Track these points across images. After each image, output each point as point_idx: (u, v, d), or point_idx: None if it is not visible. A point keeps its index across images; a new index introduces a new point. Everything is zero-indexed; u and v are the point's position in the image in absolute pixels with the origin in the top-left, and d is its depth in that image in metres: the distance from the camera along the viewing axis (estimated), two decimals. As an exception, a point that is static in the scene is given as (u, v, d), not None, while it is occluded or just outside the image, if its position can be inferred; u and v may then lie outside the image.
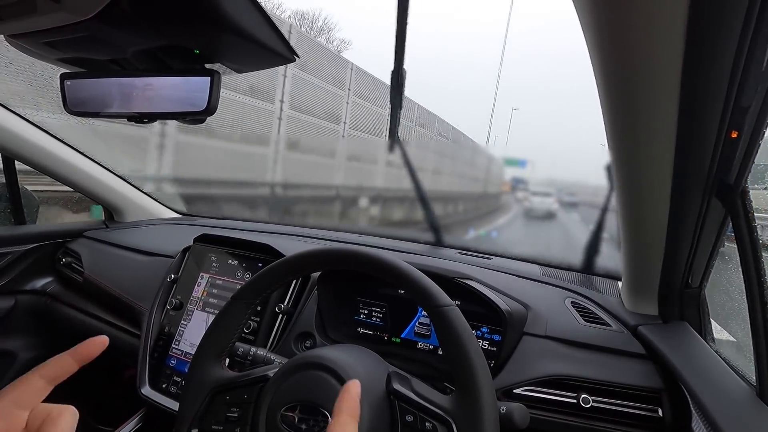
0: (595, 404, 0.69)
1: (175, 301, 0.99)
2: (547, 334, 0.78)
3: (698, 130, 0.48)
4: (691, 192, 0.57)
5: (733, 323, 0.77)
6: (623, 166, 0.57)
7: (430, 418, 0.50)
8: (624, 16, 0.37)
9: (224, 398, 0.57)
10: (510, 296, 0.83)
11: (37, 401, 0.33)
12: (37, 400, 0.33)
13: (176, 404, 0.76)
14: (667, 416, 0.67)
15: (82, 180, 1.27)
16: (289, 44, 0.41)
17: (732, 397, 0.58)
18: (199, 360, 0.60)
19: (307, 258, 0.62)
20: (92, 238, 1.28)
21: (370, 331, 0.90)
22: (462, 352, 0.51)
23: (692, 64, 0.39)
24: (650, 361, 0.72)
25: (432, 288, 0.55)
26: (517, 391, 0.72)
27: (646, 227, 0.65)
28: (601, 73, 0.44)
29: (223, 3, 0.34)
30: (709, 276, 0.73)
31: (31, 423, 0.32)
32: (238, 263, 1.00)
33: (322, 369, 0.53)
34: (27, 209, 1.24)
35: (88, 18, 0.33)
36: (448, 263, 0.97)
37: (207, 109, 0.42)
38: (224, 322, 0.61)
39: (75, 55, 0.43)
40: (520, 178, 9.20)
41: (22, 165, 1.16)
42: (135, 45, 0.40)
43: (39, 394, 0.33)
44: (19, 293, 1.21)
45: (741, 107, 0.47)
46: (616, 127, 0.51)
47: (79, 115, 0.47)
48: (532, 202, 8.95)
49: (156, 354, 0.96)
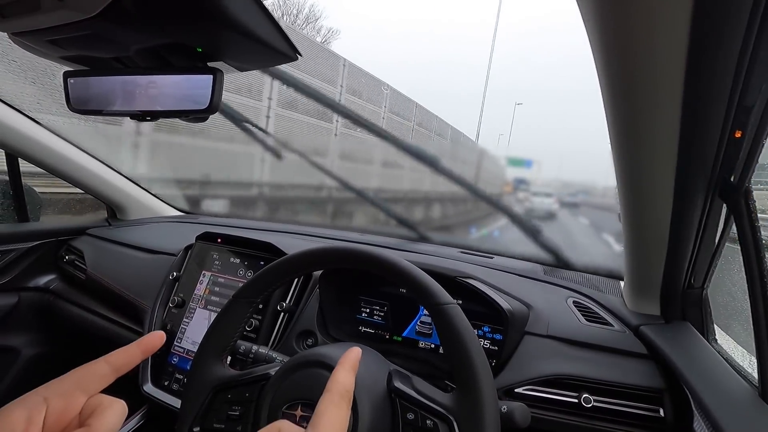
0: (596, 404, 0.69)
1: (177, 298, 1.00)
2: (548, 334, 0.78)
3: (701, 130, 0.48)
4: (695, 192, 0.57)
5: (735, 324, 0.77)
6: (626, 165, 0.56)
7: (431, 416, 0.50)
8: (627, 15, 0.37)
9: (226, 396, 0.57)
10: (512, 295, 0.83)
11: (99, 388, 0.34)
12: (99, 387, 0.34)
13: (178, 401, 0.76)
14: (669, 416, 0.67)
15: (84, 178, 1.27)
16: (292, 42, 0.41)
17: (734, 397, 0.58)
18: (200, 358, 0.60)
19: (309, 256, 0.62)
20: (95, 236, 1.29)
21: (371, 330, 0.90)
22: (463, 350, 0.51)
23: (696, 63, 0.39)
24: (652, 361, 0.72)
25: (433, 286, 0.55)
26: (519, 390, 0.72)
27: (648, 227, 0.65)
28: (603, 72, 0.44)
29: (227, 1, 0.34)
30: (711, 276, 0.72)
31: (86, 409, 0.32)
32: (240, 261, 1.00)
33: (324, 367, 0.53)
34: (30, 207, 1.25)
35: (92, 16, 0.33)
36: (449, 262, 0.97)
37: (209, 108, 0.42)
38: (226, 321, 0.62)
39: (78, 53, 0.43)
40: (522, 179, 9.12)
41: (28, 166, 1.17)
42: (138, 43, 0.40)
43: (102, 380, 0.34)
44: (23, 290, 1.22)
45: (745, 107, 0.47)
46: (618, 126, 0.51)
47: (82, 113, 0.47)
48: (532, 202, 8.95)
49: (158, 351, 0.96)
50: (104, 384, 0.34)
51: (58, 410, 0.31)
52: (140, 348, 0.36)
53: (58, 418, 0.31)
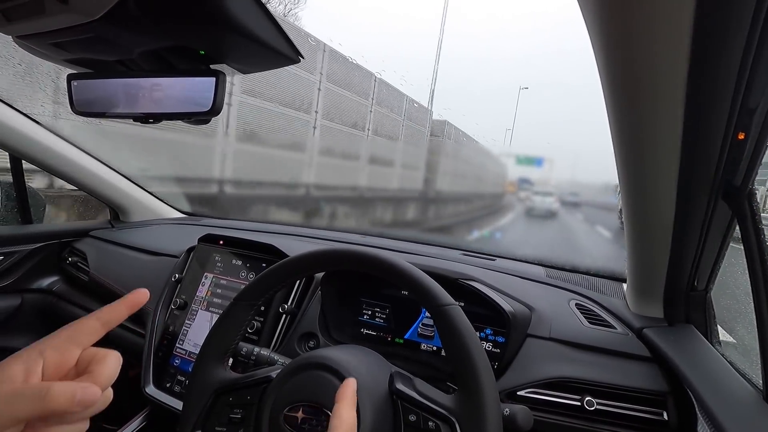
0: (599, 407, 0.69)
1: (179, 300, 1.00)
2: (551, 336, 0.77)
3: (704, 132, 0.48)
4: (698, 194, 0.57)
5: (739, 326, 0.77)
6: (629, 167, 0.56)
7: (433, 418, 0.50)
8: (630, 19, 0.37)
9: (227, 399, 0.57)
10: (514, 298, 0.83)
11: (90, 341, 0.36)
12: (90, 341, 0.36)
13: (180, 403, 0.77)
14: (672, 420, 0.66)
15: (88, 180, 1.28)
16: (294, 45, 0.41)
17: (738, 400, 0.58)
18: (201, 362, 0.60)
19: (310, 259, 0.62)
20: (98, 238, 1.30)
21: (373, 332, 0.90)
22: (464, 351, 0.51)
23: (699, 65, 0.39)
24: (655, 364, 0.71)
25: (434, 287, 0.55)
26: (521, 393, 0.72)
27: (651, 229, 0.64)
28: (605, 73, 0.44)
29: (229, 4, 0.34)
30: (715, 278, 0.72)
31: (81, 362, 0.34)
32: (242, 263, 1.00)
33: (325, 369, 0.53)
34: (33, 209, 1.25)
35: (96, 19, 0.34)
36: (451, 264, 0.97)
37: (212, 110, 0.42)
38: (227, 324, 0.62)
39: (82, 56, 0.43)
40: (526, 179, 9.04)
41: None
42: (141, 46, 0.40)
43: (93, 334, 0.36)
44: (26, 292, 1.22)
45: (748, 108, 0.46)
46: (621, 128, 0.51)
47: (85, 115, 0.47)
48: (533, 201, 8.97)
49: (160, 353, 0.97)
50: (95, 338, 0.36)
51: (54, 362, 0.33)
52: (126, 304, 0.38)
53: (55, 369, 0.33)
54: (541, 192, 8.87)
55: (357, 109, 6.79)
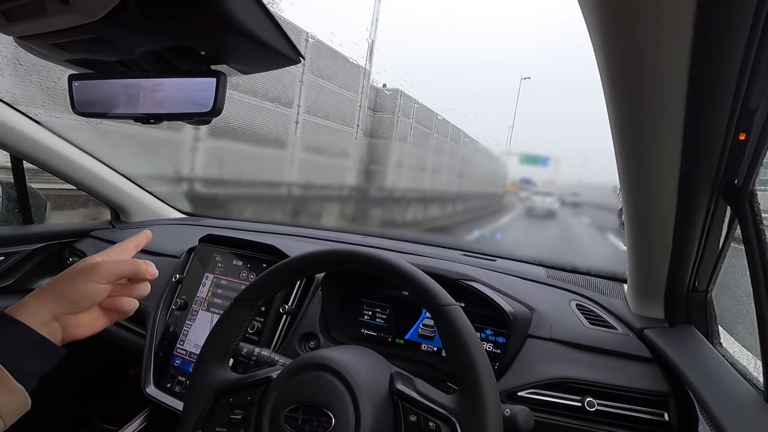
0: (600, 408, 0.69)
1: (180, 301, 1.00)
2: (551, 337, 0.77)
3: (705, 132, 0.48)
4: (699, 194, 0.57)
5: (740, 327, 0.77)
6: (630, 168, 0.56)
7: (433, 418, 0.50)
8: (631, 20, 0.37)
9: (227, 400, 0.57)
10: (514, 298, 0.83)
11: (131, 254, 0.58)
12: (131, 254, 0.58)
13: (180, 404, 0.77)
14: (673, 420, 0.66)
15: (88, 180, 1.28)
16: (295, 45, 0.41)
17: (739, 401, 0.57)
18: (202, 362, 0.60)
19: (311, 259, 0.62)
20: (99, 238, 1.30)
21: (373, 333, 0.90)
22: (465, 351, 0.51)
23: (700, 65, 0.39)
24: (656, 364, 0.71)
25: (434, 288, 0.55)
26: (522, 393, 0.72)
27: (652, 229, 0.64)
28: (606, 73, 0.44)
29: (230, 5, 0.34)
30: (716, 279, 0.72)
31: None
32: (242, 264, 1.00)
33: (326, 370, 0.53)
34: (34, 209, 1.25)
35: (97, 20, 0.34)
36: (452, 265, 0.97)
37: (213, 110, 0.42)
38: (227, 325, 0.62)
39: (83, 56, 0.43)
40: (528, 179, 8.98)
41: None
42: (142, 46, 0.40)
43: (133, 250, 0.58)
44: (27, 292, 1.20)
45: (749, 109, 0.46)
46: (622, 128, 0.51)
47: (86, 116, 0.48)
48: (533, 201, 8.97)
49: (161, 354, 0.97)
50: (132, 254, 0.58)
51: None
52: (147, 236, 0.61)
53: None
54: (542, 192, 8.87)
55: (342, 102, 6.14)
